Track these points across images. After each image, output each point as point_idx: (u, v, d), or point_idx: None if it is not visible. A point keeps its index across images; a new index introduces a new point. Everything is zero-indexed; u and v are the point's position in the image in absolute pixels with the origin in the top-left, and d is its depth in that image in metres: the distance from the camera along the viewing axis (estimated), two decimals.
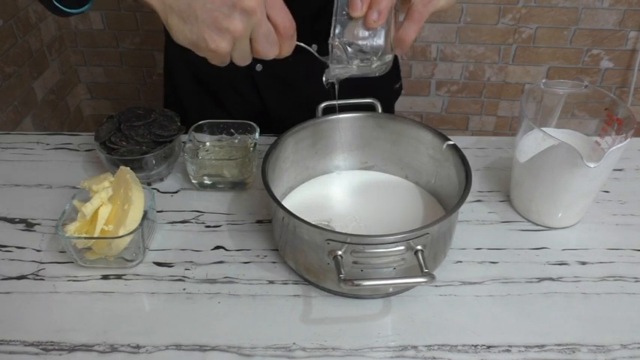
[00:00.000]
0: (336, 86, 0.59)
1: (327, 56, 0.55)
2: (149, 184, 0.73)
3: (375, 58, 0.54)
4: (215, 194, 0.72)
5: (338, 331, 0.55)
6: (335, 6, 0.52)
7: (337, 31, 0.52)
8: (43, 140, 0.83)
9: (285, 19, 0.51)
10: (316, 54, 0.56)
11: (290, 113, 0.66)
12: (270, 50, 0.52)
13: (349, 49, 0.53)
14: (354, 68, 0.55)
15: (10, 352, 0.53)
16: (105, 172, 0.65)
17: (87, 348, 0.53)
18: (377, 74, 0.57)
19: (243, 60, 0.53)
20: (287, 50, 0.53)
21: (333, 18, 0.52)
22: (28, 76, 1.74)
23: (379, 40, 0.53)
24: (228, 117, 0.82)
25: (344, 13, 0.52)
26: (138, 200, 0.59)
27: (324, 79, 0.57)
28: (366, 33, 0.52)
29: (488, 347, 0.53)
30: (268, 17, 0.50)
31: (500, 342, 0.54)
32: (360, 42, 0.53)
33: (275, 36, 0.51)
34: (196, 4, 0.49)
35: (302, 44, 0.55)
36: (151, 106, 0.76)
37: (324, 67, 0.57)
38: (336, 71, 0.56)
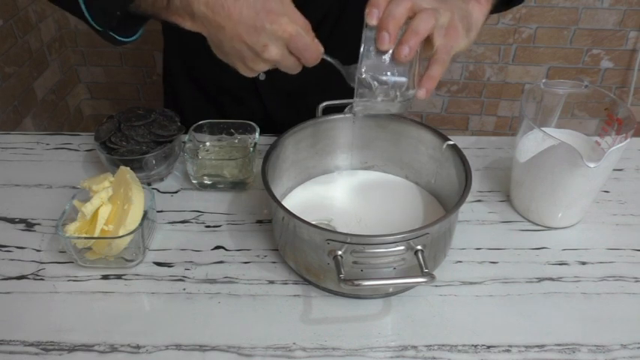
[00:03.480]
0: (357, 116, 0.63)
1: (349, 67, 0.57)
2: (149, 184, 0.73)
3: (398, 94, 0.55)
4: (215, 194, 0.72)
5: (338, 331, 0.55)
6: (362, 41, 0.54)
7: (364, 65, 0.54)
8: (43, 140, 0.83)
9: (308, 57, 0.54)
10: (341, 67, 0.58)
11: (293, 121, 0.67)
12: (294, 72, 0.56)
13: (375, 84, 0.54)
14: (377, 103, 0.56)
15: (10, 352, 0.53)
16: (105, 172, 0.65)
17: (87, 348, 0.53)
18: (399, 111, 0.58)
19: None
20: (311, 65, 0.56)
21: (360, 53, 0.54)
22: (28, 76, 1.74)
23: (404, 75, 0.54)
24: None
25: (371, 48, 0.54)
26: (138, 200, 0.60)
27: (347, 110, 0.60)
28: (392, 68, 0.54)
29: (488, 347, 0.53)
30: (296, 51, 0.54)
31: (500, 342, 0.54)
32: (384, 77, 0.54)
33: (298, 65, 0.55)
34: (226, 43, 0.53)
35: (327, 58, 0.57)
36: (150, 106, 0.76)
37: (329, 73, 0.58)
38: (360, 106, 0.57)
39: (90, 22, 0.59)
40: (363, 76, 0.54)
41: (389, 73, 0.54)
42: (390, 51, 0.53)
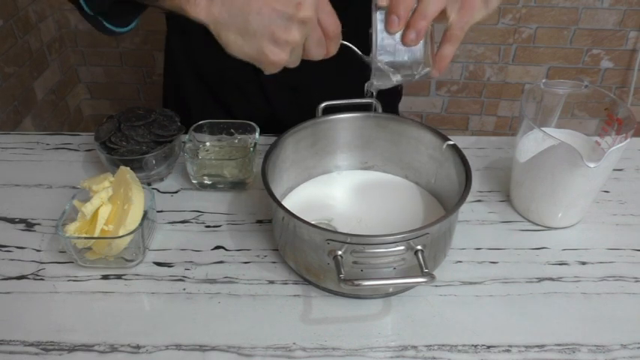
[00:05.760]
0: (374, 94, 0.60)
1: (369, 55, 0.56)
2: (149, 184, 0.73)
3: (415, 72, 0.56)
4: (215, 194, 0.72)
5: (338, 331, 0.55)
6: (373, 23, 0.54)
7: (378, 49, 0.54)
8: (43, 140, 0.83)
9: (333, 23, 0.53)
10: (359, 52, 0.57)
11: (298, 117, 0.67)
12: (320, 52, 0.54)
13: (390, 69, 0.55)
14: (395, 81, 0.57)
15: (10, 352, 0.53)
16: (105, 172, 0.65)
17: (87, 348, 0.53)
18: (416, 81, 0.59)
19: (294, 63, 0.54)
20: (333, 50, 0.55)
21: (373, 35, 0.54)
22: (28, 76, 1.74)
23: (417, 56, 0.55)
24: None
25: (382, 30, 0.54)
26: (138, 200, 0.59)
27: (365, 89, 0.59)
28: (405, 49, 0.54)
29: (488, 347, 0.53)
30: (318, 21, 0.51)
31: (500, 342, 0.54)
32: (399, 59, 0.55)
33: (324, 39, 0.53)
34: (253, 19, 0.49)
35: (346, 43, 0.56)
36: (151, 106, 0.76)
37: (333, 70, 0.58)
38: (379, 84, 0.57)
39: (80, 3, 0.56)
40: (378, 61, 0.55)
41: (403, 55, 0.55)
42: (401, 33, 0.53)
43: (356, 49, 0.57)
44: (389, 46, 0.54)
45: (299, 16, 0.49)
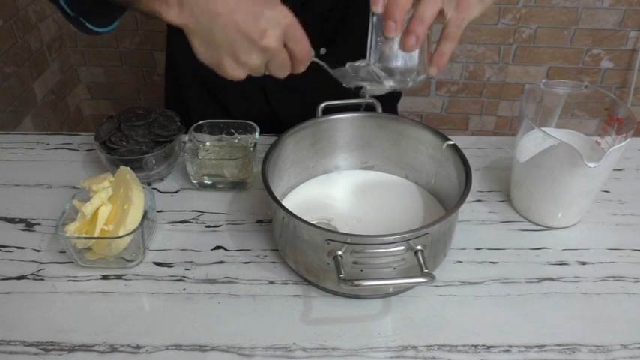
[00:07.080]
0: (370, 100, 0.61)
1: (338, 69, 0.56)
2: (149, 184, 0.73)
3: (409, 79, 0.55)
4: (215, 194, 0.72)
5: (338, 331, 0.55)
6: (370, 29, 0.53)
7: (372, 54, 0.54)
8: (43, 140, 0.83)
9: (302, 49, 0.52)
10: (329, 69, 0.56)
11: (298, 117, 0.67)
12: (283, 73, 0.54)
13: (382, 73, 0.54)
14: (388, 87, 0.56)
15: (10, 352, 0.53)
16: (105, 172, 0.65)
17: (87, 348, 0.53)
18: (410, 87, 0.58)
19: (257, 74, 0.55)
20: (300, 70, 0.55)
21: (369, 40, 0.53)
22: (28, 76, 1.74)
23: (413, 62, 0.54)
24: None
25: (378, 37, 0.53)
26: (138, 200, 0.60)
27: (360, 94, 0.59)
28: (401, 55, 0.54)
29: (489, 347, 0.53)
30: (286, 47, 0.52)
31: (500, 342, 0.54)
32: (394, 64, 0.54)
33: (289, 63, 0.53)
34: (218, 33, 0.50)
35: (316, 60, 0.55)
36: (151, 106, 0.76)
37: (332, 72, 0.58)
38: (372, 89, 0.57)
39: (60, 4, 0.56)
40: (372, 67, 0.54)
41: (398, 61, 0.54)
42: (398, 38, 0.52)
43: (327, 66, 0.56)
44: (384, 51, 0.54)
45: (261, 44, 0.49)
